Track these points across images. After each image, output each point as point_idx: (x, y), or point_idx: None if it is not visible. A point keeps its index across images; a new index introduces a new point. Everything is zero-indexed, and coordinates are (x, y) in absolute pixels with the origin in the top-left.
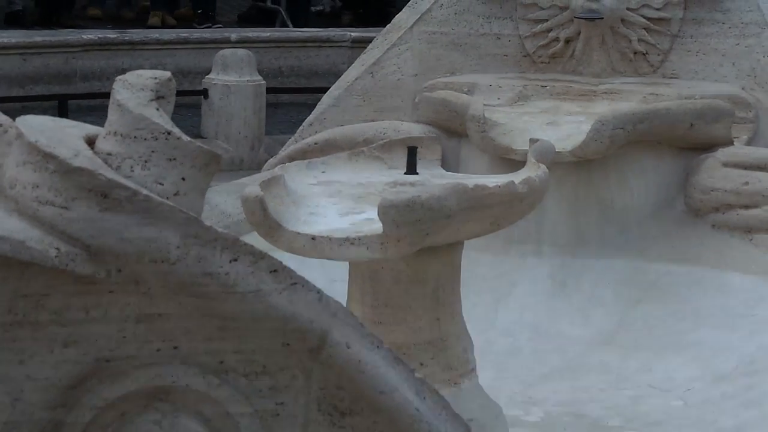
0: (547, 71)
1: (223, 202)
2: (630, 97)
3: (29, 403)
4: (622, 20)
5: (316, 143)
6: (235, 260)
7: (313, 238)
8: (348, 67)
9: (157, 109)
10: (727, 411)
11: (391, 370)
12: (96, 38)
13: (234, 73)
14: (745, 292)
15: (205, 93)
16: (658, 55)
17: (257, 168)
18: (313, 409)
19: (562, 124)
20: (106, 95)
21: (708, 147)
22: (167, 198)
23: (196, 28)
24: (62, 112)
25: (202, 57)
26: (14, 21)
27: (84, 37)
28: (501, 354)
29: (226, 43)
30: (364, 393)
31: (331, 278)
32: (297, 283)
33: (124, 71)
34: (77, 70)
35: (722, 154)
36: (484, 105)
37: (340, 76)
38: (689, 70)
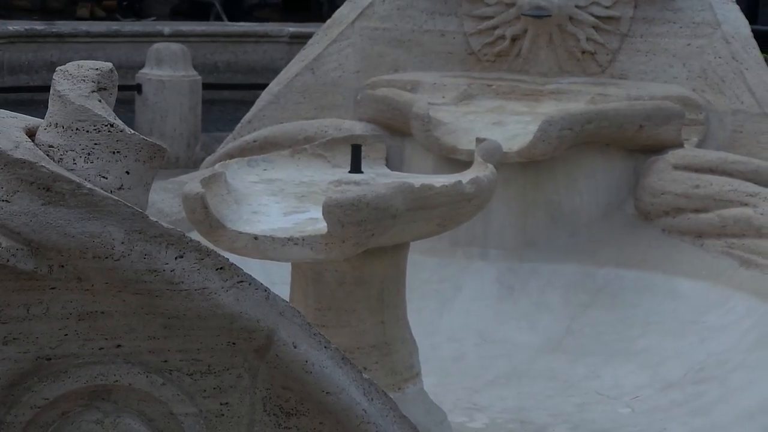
0: (493, 70)
1: (161, 201)
2: (578, 98)
3: None
4: (570, 18)
5: (255, 141)
6: (181, 257)
7: (256, 237)
8: (286, 63)
9: (99, 101)
10: (676, 418)
11: (338, 370)
12: (23, 29)
13: (168, 68)
14: (695, 299)
15: (138, 88)
16: (607, 54)
17: (193, 166)
18: (259, 410)
19: (508, 123)
20: (35, 89)
21: (658, 149)
22: (111, 192)
23: (119, 20)
24: None
25: (134, 51)
26: None
27: (10, 28)
28: (446, 359)
29: (159, 36)
30: (310, 393)
31: (271, 280)
32: (244, 281)
33: (52, 64)
34: (4, 63)
35: (672, 156)
36: (429, 103)
37: (278, 73)
38: (638, 70)
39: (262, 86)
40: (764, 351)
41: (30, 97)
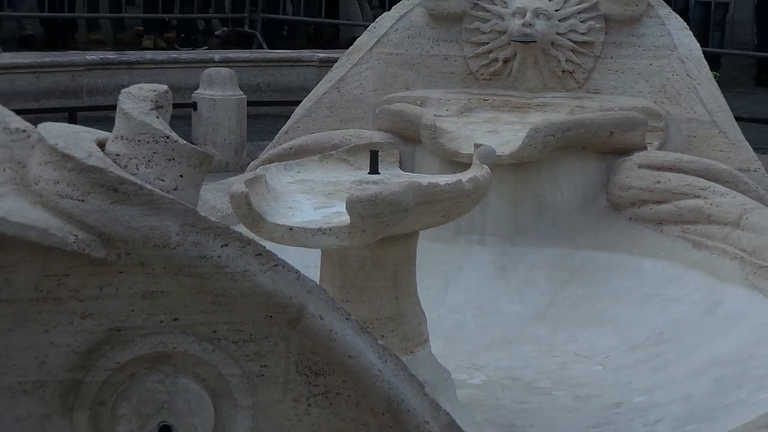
0: (488, 87)
1: (213, 199)
2: (559, 109)
3: (53, 365)
4: (552, 43)
5: (291, 148)
6: (226, 245)
7: (291, 228)
8: (317, 83)
9: (157, 117)
10: (639, 374)
11: (357, 338)
12: (98, 59)
13: (219, 89)
14: (656, 275)
15: (194, 106)
16: (583, 73)
17: (240, 170)
18: (292, 371)
19: (501, 131)
20: (109, 107)
21: (626, 151)
22: (168, 192)
23: (178, 49)
24: (72, 122)
25: (190, 75)
26: (26, 44)
27: (87, 57)
28: (450, 328)
29: (211, 62)
30: (334, 357)
31: (305, 264)
32: (278, 264)
33: (123, 87)
34: (83, 86)
35: (638, 157)
36: (435, 116)
37: (309, 92)
38: (610, 86)
39: (296, 103)
40: (712, 318)
41: (105, 114)
